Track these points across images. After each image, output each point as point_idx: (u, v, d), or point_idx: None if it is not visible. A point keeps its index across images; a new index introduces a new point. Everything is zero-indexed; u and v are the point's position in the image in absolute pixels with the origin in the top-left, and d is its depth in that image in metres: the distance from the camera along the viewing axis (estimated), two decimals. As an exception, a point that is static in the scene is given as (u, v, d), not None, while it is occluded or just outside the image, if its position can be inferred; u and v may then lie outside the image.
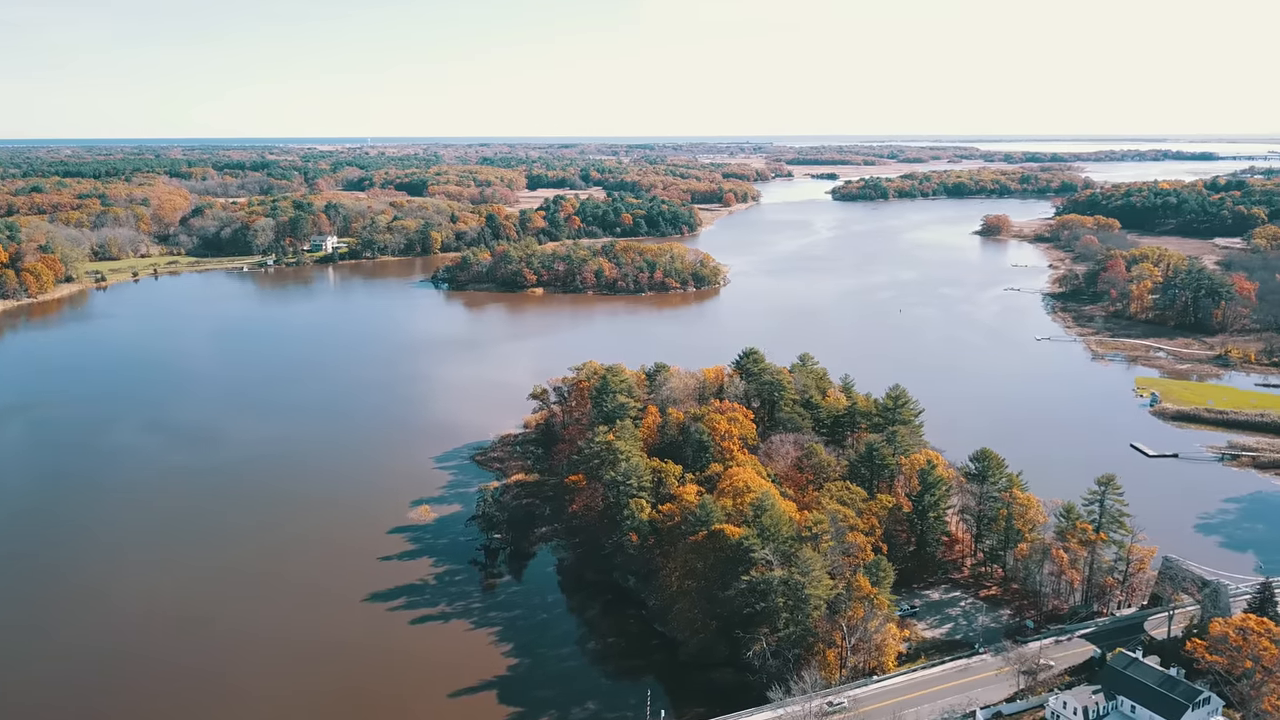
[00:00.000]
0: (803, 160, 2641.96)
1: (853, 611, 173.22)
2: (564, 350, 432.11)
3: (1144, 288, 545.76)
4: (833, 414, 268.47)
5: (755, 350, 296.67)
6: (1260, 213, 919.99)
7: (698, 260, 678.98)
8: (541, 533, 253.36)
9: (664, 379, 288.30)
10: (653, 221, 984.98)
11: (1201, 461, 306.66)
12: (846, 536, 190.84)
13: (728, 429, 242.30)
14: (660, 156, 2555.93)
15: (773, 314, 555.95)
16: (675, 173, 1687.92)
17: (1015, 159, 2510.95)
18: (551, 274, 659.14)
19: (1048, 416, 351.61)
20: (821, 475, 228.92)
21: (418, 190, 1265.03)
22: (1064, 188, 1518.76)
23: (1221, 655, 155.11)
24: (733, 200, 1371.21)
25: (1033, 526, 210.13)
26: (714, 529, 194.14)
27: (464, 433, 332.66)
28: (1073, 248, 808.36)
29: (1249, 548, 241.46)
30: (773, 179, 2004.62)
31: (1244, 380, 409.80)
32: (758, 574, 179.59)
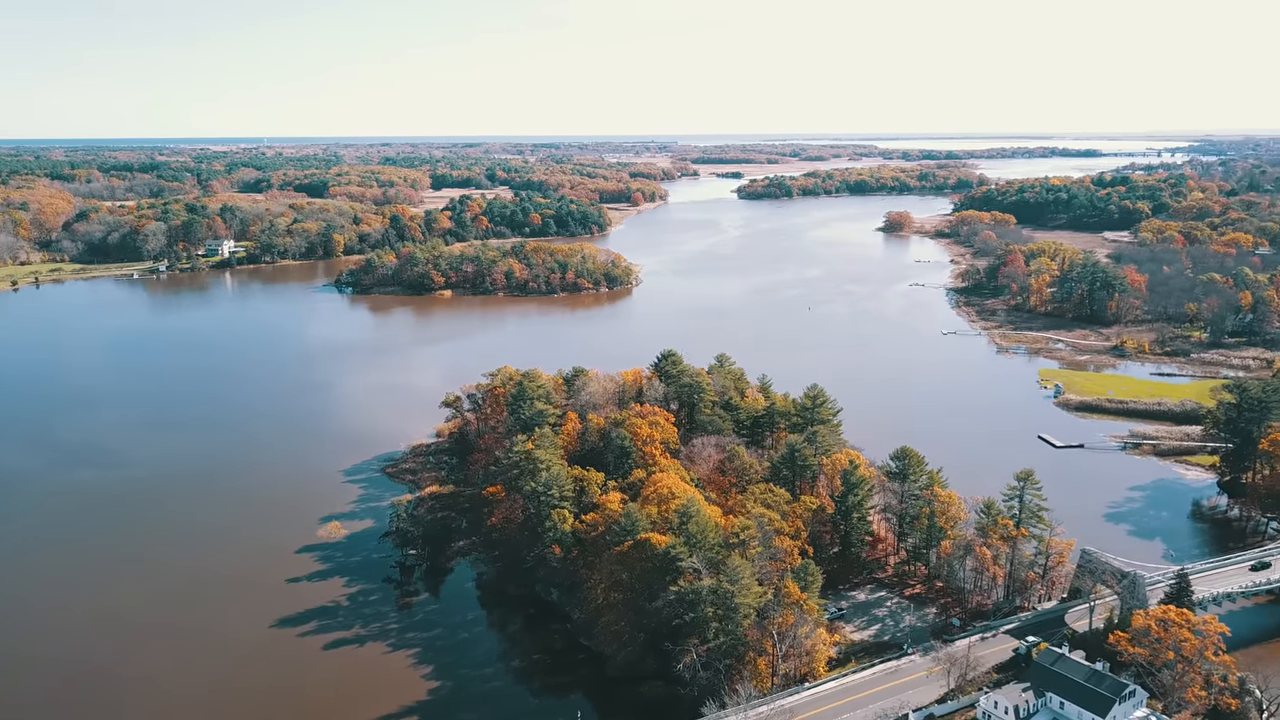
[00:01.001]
0: (708, 159, 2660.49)
1: (782, 618, 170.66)
2: (476, 355, 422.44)
3: (1042, 281, 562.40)
4: (752, 415, 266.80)
5: (674, 352, 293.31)
6: (1144, 207, 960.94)
7: (609, 260, 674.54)
8: (459, 547, 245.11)
9: (582, 384, 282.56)
10: (562, 221, 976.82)
11: (1106, 451, 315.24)
12: (773, 541, 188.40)
13: (649, 433, 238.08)
14: (566, 156, 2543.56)
15: (686, 313, 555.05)
16: (582, 172, 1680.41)
17: (913, 156, 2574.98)
18: (460, 276, 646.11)
19: (959, 411, 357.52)
20: (744, 478, 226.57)
21: (318, 192, 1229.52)
22: (960, 184, 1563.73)
23: (1143, 647, 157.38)
24: (641, 199, 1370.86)
25: (954, 524, 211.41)
26: (639, 538, 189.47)
27: (374, 444, 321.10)
28: (972, 243, 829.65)
29: (1156, 535, 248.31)
30: (679, 178, 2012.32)
31: (1139, 369, 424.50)
32: (686, 584, 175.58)
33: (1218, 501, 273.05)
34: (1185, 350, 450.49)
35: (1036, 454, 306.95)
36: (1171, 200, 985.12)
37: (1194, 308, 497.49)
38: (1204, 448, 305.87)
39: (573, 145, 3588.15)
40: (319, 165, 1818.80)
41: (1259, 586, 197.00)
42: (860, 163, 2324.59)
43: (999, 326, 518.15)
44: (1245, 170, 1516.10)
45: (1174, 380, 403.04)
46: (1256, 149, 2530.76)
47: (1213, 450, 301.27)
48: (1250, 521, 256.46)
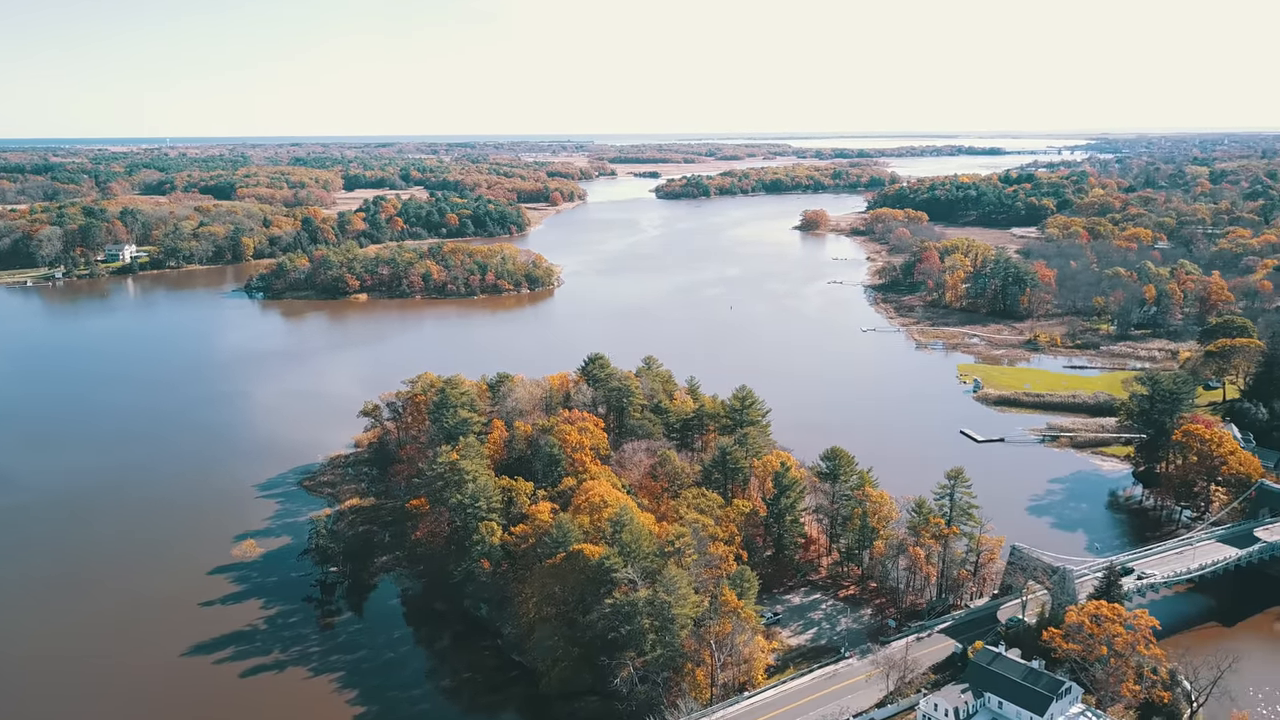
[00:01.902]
0: (625, 159, 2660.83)
1: (720, 627, 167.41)
2: (395, 361, 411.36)
3: (957, 278, 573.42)
4: (682, 418, 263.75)
5: (601, 355, 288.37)
6: (1049, 204, 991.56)
7: (530, 261, 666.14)
8: (382, 562, 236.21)
9: (508, 389, 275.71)
10: (480, 222, 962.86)
11: (1025, 444, 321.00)
12: (709, 548, 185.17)
13: (579, 440, 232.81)
14: (482, 155, 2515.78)
15: (610, 314, 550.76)
16: (499, 172, 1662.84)
17: (826, 155, 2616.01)
18: (376, 279, 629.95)
19: (883, 407, 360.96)
20: (676, 483, 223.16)
21: (225, 193, 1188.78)
22: (873, 182, 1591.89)
23: (1077, 643, 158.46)
24: (560, 199, 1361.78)
25: (886, 523, 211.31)
26: (572, 550, 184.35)
27: (289, 456, 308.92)
28: (887, 240, 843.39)
29: (1078, 527, 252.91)
30: (597, 177, 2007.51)
31: (1052, 363, 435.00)
32: (621, 596, 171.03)
33: (1133, 492, 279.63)
34: (1095, 343, 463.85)
35: (960, 449, 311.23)
36: (1075, 197, 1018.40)
37: (1101, 301, 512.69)
38: (1119, 439, 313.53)
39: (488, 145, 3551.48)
40: (225, 166, 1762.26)
41: (1180, 576, 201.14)
42: (775, 162, 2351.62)
43: (917, 322, 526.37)
44: (1140, 167, 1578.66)
45: (1086, 372, 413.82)
46: (1149, 147, 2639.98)
47: (1127, 441, 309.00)
48: (1165, 511, 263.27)
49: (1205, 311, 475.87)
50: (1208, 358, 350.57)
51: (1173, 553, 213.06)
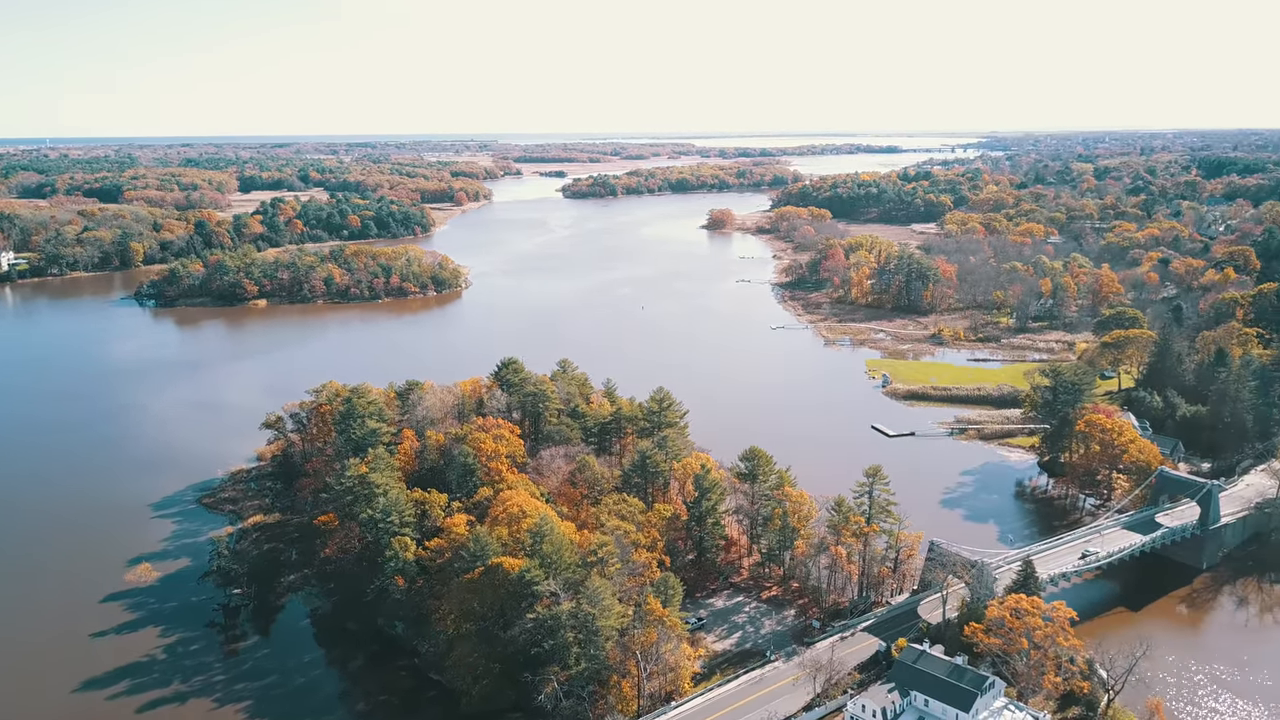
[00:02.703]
0: (530, 158, 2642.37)
1: (645, 637, 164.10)
2: (298, 369, 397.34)
3: (862, 274, 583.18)
4: (600, 422, 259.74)
5: (514, 359, 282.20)
6: (947, 200, 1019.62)
7: (436, 262, 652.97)
8: (290, 581, 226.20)
9: (417, 397, 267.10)
10: (383, 223, 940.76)
11: (935, 438, 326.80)
12: (631, 555, 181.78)
13: (494, 448, 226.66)
14: (384, 155, 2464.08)
15: (521, 316, 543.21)
16: (402, 172, 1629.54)
17: (729, 155, 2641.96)
18: (275, 284, 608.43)
19: (796, 405, 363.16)
20: (596, 489, 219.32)
21: (111, 196, 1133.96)
22: (776, 181, 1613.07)
23: (998, 637, 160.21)
24: (465, 199, 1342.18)
25: (806, 522, 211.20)
26: (491, 564, 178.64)
27: (186, 471, 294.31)
28: (792, 238, 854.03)
29: (989, 519, 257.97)
30: (502, 177, 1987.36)
31: (956, 356, 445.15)
32: (543, 609, 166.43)
33: (1039, 482, 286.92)
34: (996, 336, 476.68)
35: (872, 444, 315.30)
36: (970, 194, 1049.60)
37: (1001, 295, 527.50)
38: (1024, 430, 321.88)
39: (389, 144, 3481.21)
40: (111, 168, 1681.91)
41: (1089, 564, 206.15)
42: (680, 161, 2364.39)
43: (824, 319, 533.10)
44: (1030, 164, 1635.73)
45: (988, 365, 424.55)
46: (1036, 145, 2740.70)
47: (1031, 432, 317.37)
48: (1070, 499, 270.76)
49: (1097, 303, 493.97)
50: (1104, 348, 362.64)
51: (1081, 541, 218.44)
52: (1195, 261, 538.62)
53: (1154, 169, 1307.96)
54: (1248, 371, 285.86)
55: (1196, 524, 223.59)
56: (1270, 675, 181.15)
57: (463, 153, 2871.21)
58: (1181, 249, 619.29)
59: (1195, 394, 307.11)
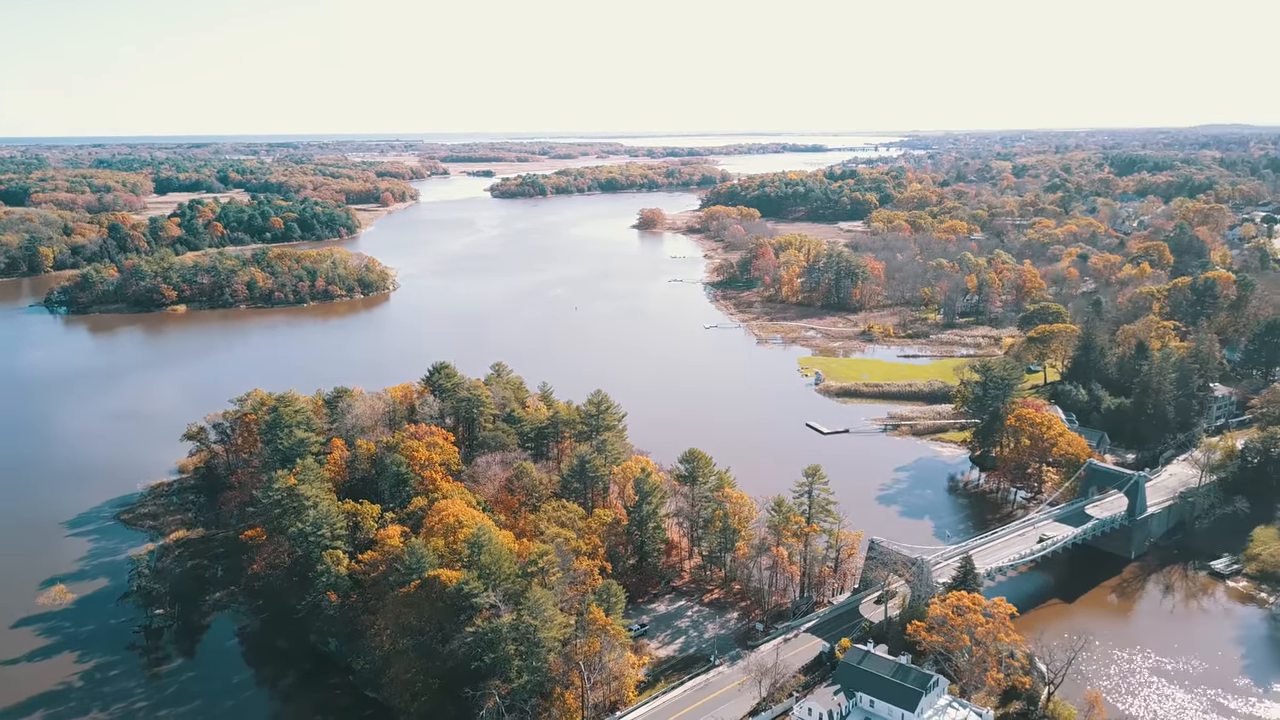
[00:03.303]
0: (457, 158, 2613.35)
1: (589, 646, 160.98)
2: (221, 377, 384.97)
3: (793, 273, 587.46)
4: (536, 426, 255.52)
5: (446, 364, 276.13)
6: (873, 198, 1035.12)
7: (363, 264, 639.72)
8: (216, 599, 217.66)
9: (347, 405, 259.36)
10: (307, 225, 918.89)
11: (869, 434, 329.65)
12: (572, 563, 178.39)
13: (428, 456, 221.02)
14: (306, 155, 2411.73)
15: (452, 318, 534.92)
16: (325, 172, 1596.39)
17: (658, 154, 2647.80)
18: (195, 288, 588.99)
19: (732, 404, 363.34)
20: (534, 495, 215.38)
21: (17, 199, 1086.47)
22: (705, 180, 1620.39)
23: (940, 635, 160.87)
24: (391, 200, 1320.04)
25: (747, 524, 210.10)
26: (427, 576, 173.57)
27: (102, 487, 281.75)
28: (722, 237, 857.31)
29: (925, 514, 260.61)
30: (429, 177, 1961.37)
31: (886, 352, 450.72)
32: (483, 622, 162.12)
33: (972, 476, 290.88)
34: (924, 332, 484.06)
35: (808, 442, 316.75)
36: (895, 191, 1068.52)
37: (928, 292, 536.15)
38: (956, 425, 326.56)
39: (312, 144, 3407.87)
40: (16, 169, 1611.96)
41: (1024, 557, 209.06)
42: (609, 160, 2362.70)
43: (756, 318, 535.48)
44: (951, 163, 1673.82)
45: (918, 361, 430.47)
46: (956, 143, 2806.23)
47: (962, 427, 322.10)
48: (1002, 493, 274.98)
49: (1021, 299, 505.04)
50: (1030, 343, 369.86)
51: (1015, 535, 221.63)
52: (1112, 257, 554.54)
53: (1069, 167, 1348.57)
54: (1168, 364, 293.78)
55: (1125, 515, 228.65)
56: (1201, 661, 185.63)
57: (388, 153, 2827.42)
58: (1098, 245, 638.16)
59: (1118, 386, 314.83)
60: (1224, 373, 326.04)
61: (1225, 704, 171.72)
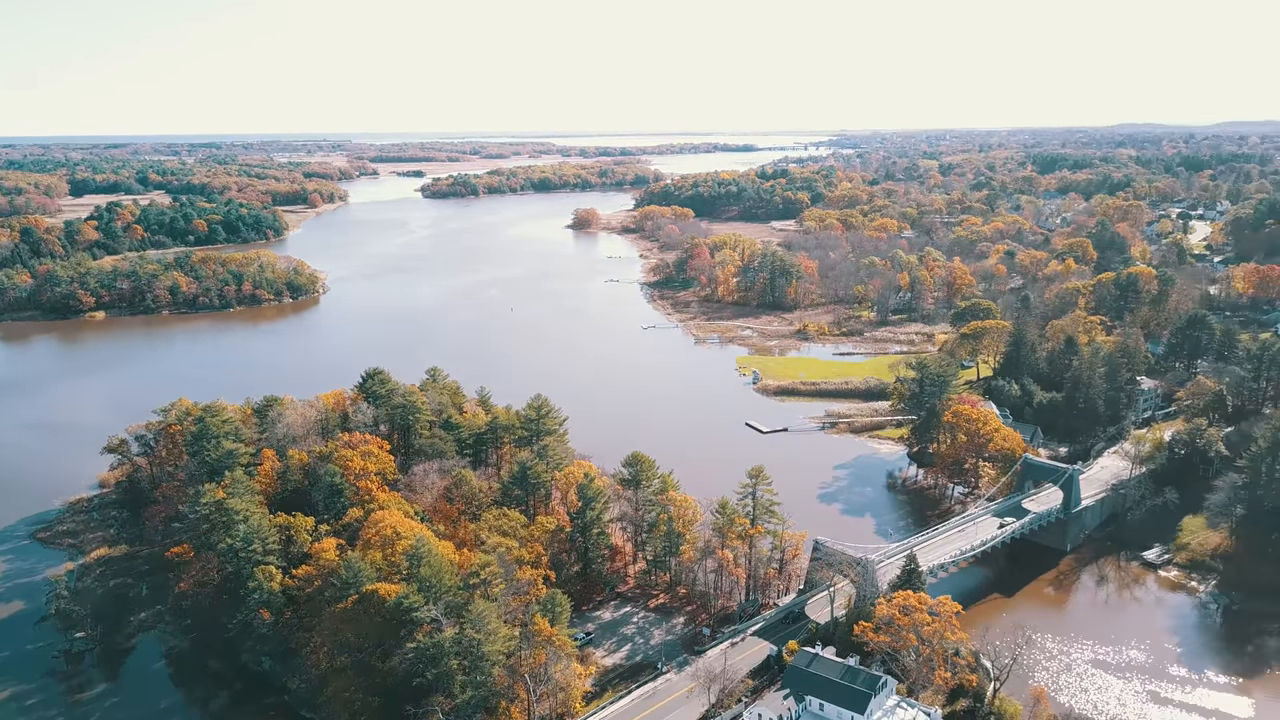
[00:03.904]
0: (386, 158, 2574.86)
1: (534, 658, 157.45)
2: (143, 386, 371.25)
3: (728, 272, 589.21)
4: (474, 432, 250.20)
5: (380, 370, 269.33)
6: (804, 197, 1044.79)
7: (291, 267, 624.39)
8: (141, 620, 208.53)
9: (277, 413, 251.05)
10: (232, 227, 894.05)
11: (807, 432, 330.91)
12: (515, 573, 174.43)
13: (363, 465, 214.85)
14: (230, 156, 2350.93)
15: (385, 322, 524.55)
16: (250, 173, 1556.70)
17: (590, 154, 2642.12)
18: (114, 294, 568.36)
19: (672, 405, 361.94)
20: (474, 504, 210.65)
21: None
22: (638, 180, 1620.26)
23: (887, 635, 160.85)
24: (319, 201, 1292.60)
25: (691, 526, 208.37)
26: (365, 591, 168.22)
27: (16, 504, 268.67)
28: (658, 237, 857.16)
29: (865, 512, 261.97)
30: (358, 177, 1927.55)
31: (821, 350, 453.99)
32: (424, 637, 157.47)
33: (910, 473, 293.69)
34: (859, 330, 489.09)
35: (748, 441, 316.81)
36: (826, 190, 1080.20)
37: (861, 290, 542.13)
38: (892, 421, 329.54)
39: (236, 144, 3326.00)
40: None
41: (965, 553, 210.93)
42: (541, 160, 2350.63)
43: (694, 318, 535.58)
44: (879, 161, 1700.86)
45: (853, 358, 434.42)
46: (883, 142, 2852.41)
47: (899, 424, 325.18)
48: (940, 489, 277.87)
49: (952, 295, 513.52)
50: (962, 339, 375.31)
51: (956, 531, 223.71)
52: (1038, 253, 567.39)
53: (993, 165, 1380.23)
54: (1097, 359, 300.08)
55: (1060, 508, 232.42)
56: (1138, 651, 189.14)
57: (315, 153, 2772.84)
58: (1024, 241, 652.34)
59: (1049, 381, 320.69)
60: (1149, 366, 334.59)
61: (1162, 693, 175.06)
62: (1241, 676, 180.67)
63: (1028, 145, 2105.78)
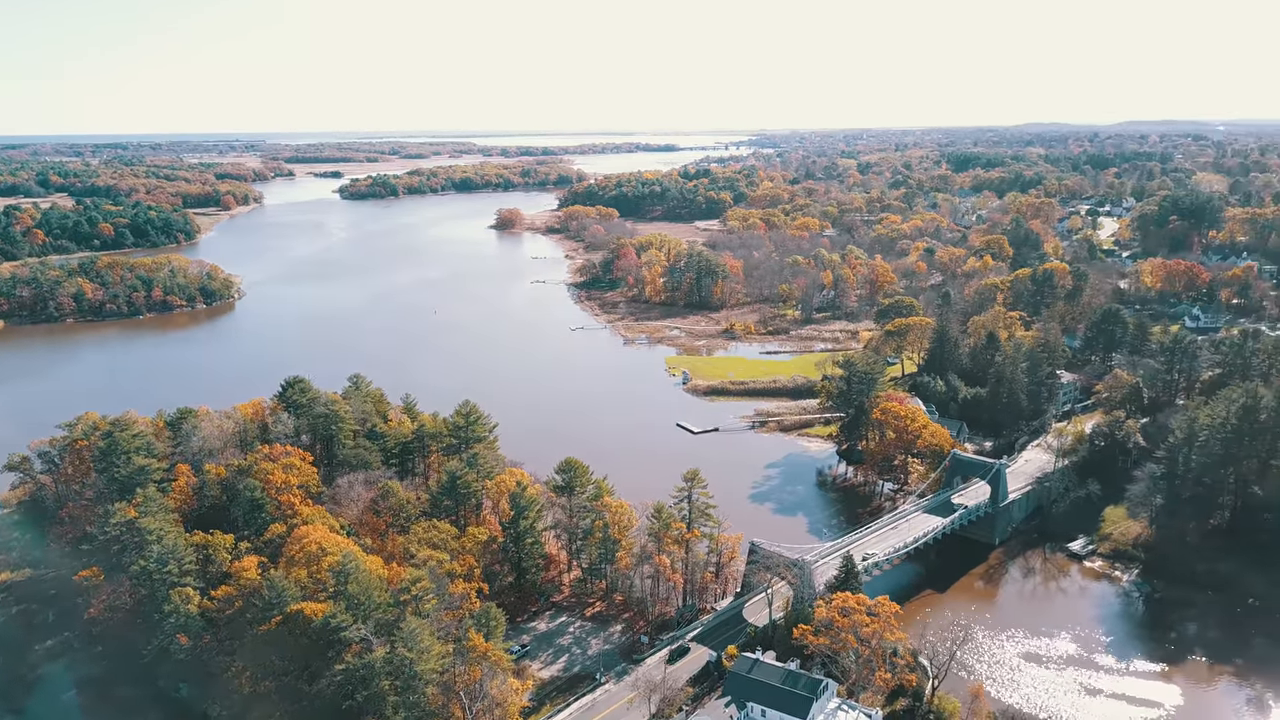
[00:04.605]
0: (302, 158, 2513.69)
1: (469, 675, 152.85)
2: (46, 400, 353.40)
3: (655, 273, 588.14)
4: (401, 441, 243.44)
5: (300, 378, 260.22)
6: (727, 197, 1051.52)
7: (204, 272, 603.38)
8: (48, 647, 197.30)
9: (192, 426, 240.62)
10: (140, 231, 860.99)
11: (738, 432, 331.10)
12: (448, 588, 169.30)
13: (284, 479, 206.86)
14: (137, 157, 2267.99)
15: (303, 328, 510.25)
16: (159, 175, 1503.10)
17: (512, 153, 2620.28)
18: (14, 302, 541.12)
19: (603, 408, 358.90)
20: (402, 516, 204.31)
21: None
22: (561, 180, 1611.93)
23: (826, 637, 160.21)
24: (233, 203, 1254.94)
25: (627, 532, 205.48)
26: (289, 610, 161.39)
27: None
28: (583, 238, 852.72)
29: (798, 510, 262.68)
30: (273, 179, 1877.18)
31: (749, 349, 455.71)
32: (354, 658, 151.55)
33: (840, 470, 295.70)
34: (785, 328, 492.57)
35: (680, 442, 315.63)
36: (748, 190, 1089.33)
37: (786, 288, 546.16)
38: (821, 419, 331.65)
39: (143, 145, 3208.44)
40: None
41: (899, 550, 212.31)
42: (462, 160, 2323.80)
43: (622, 318, 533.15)
44: (799, 161, 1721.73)
45: (779, 357, 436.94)
46: (802, 142, 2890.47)
47: (828, 421, 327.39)
48: (870, 486, 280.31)
49: (875, 293, 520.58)
50: (887, 336, 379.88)
51: (888, 528, 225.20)
52: (957, 250, 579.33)
53: (910, 164, 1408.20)
54: (1019, 353, 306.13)
55: (988, 502, 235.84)
56: (1068, 640, 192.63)
57: (227, 153, 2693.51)
58: (942, 239, 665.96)
59: (972, 376, 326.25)
60: (1067, 360, 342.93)
61: (1094, 684, 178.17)
62: (1166, 664, 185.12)
63: (942, 144, 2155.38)
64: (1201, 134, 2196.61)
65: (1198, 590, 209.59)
